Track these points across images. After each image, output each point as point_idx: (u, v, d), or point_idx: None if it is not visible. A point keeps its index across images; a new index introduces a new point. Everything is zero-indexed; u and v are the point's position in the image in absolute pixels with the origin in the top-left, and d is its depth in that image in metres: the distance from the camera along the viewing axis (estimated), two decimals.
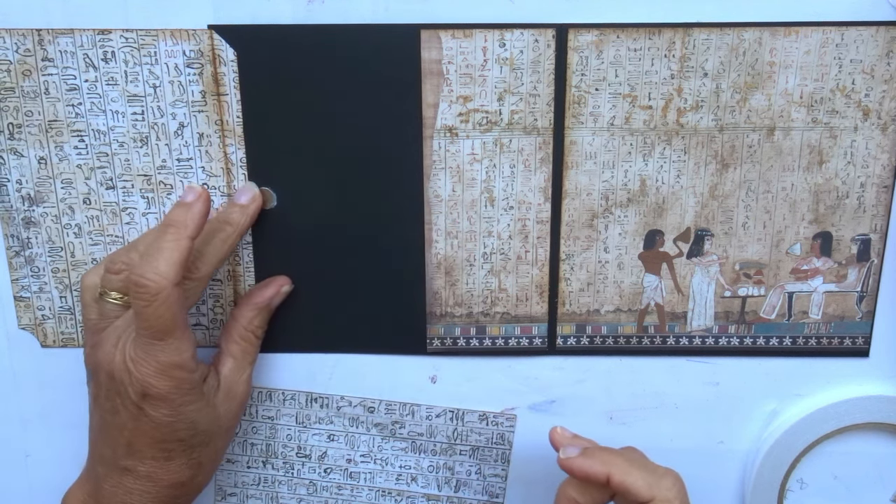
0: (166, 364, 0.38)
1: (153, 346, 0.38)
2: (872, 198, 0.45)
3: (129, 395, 0.39)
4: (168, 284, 0.37)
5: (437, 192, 0.45)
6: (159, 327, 0.38)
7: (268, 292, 0.45)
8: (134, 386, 0.39)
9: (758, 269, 0.46)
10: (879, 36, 0.42)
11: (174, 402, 0.39)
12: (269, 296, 0.44)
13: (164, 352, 0.38)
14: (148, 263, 0.37)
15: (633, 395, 0.48)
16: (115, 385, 0.39)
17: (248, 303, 0.44)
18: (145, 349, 0.38)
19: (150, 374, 0.38)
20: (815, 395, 0.48)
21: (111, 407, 0.40)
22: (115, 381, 0.39)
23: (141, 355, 0.38)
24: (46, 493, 0.50)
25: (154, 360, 0.38)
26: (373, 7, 0.42)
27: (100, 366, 0.40)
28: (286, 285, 0.45)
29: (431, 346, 0.47)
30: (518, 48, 0.42)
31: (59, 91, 0.43)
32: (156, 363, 0.38)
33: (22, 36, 0.42)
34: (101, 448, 0.41)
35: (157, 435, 0.40)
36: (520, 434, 0.49)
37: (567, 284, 0.46)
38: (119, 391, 0.39)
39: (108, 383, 0.39)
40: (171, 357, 0.38)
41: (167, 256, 0.37)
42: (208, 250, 0.41)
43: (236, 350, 0.44)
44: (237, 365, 0.44)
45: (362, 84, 0.43)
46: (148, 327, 0.38)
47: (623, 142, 0.44)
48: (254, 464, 0.50)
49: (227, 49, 0.42)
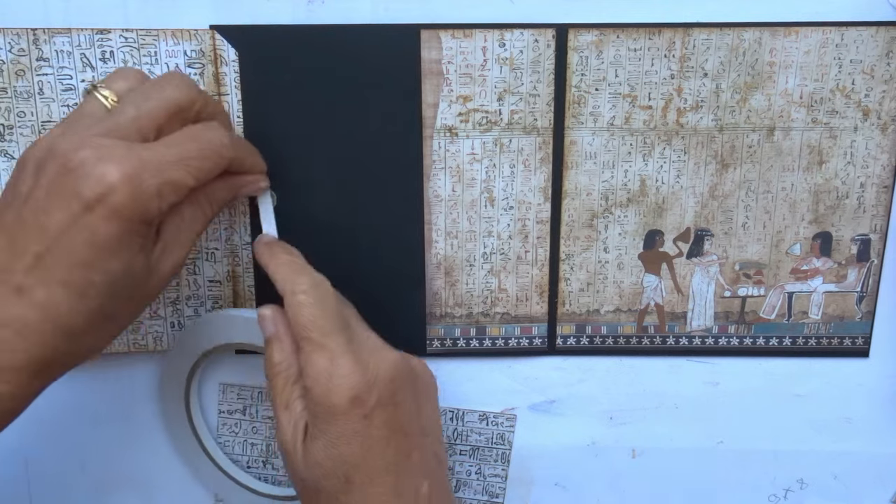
0: (162, 181, 0.34)
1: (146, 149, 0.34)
2: (872, 198, 0.45)
3: (82, 195, 0.33)
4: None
5: (437, 192, 0.45)
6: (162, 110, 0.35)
7: (244, 176, 0.41)
8: (93, 185, 0.33)
9: (758, 269, 0.46)
10: (879, 36, 0.42)
11: (127, 224, 0.33)
12: (243, 179, 0.41)
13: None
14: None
15: (633, 395, 0.48)
16: (66, 179, 0.33)
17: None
18: (133, 149, 0.34)
19: (121, 177, 0.33)
20: (815, 395, 0.48)
21: (44, 206, 0.33)
22: (70, 175, 0.33)
23: (124, 152, 0.33)
24: (46, 493, 0.50)
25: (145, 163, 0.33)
26: (373, 7, 0.42)
27: (55, 154, 0.34)
28: (264, 182, 0.42)
29: (431, 347, 0.47)
30: (518, 48, 0.42)
31: (53, 91, 0.43)
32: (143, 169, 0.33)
33: (16, 35, 0.42)
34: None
35: (86, 256, 0.33)
36: (520, 434, 0.49)
37: (567, 284, 0.46)
38: (67, 189, 0.33)
39: (57, 176, 0.33)
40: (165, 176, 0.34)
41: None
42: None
43: (187, 212, 0.38)
44: (181, 229, 0.38)
45: (362, 84, 0.43)
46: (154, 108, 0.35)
47: (623, 142, 0.44)
48: (254, 464, 0.50)
49: (229, 49, 0.42)
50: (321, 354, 0.38)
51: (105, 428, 0.49)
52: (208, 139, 0.36)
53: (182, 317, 0.46)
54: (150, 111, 0.36)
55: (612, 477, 0.50)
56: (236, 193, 0.41)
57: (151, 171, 0.34)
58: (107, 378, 0.48)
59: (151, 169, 0.34)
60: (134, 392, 0.48)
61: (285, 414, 0.40)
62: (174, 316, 0.46)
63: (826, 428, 0.48)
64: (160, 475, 0.50)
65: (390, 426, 0.39)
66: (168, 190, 0.34)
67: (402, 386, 0.39)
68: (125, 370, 0.48)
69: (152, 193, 0.34)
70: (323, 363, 0.38)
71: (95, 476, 0.49)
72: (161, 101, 0.36)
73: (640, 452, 0.49)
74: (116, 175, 0.33)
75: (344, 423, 0.38)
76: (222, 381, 0.49)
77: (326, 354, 0.38)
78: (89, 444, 0.49)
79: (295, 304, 0.39)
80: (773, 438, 0.49)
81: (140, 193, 0.33)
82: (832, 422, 0.48)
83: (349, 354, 0.38)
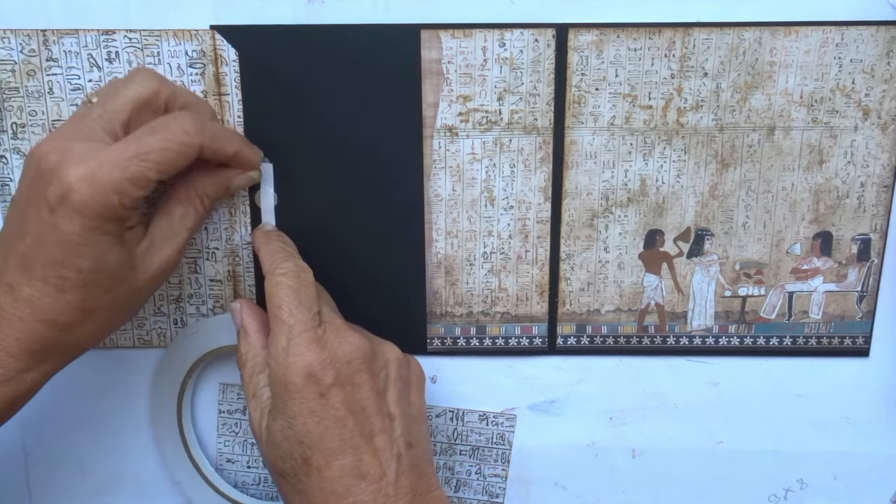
0: (115, 180, 0.35)
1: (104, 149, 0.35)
2: (872, 197, 0.45)
3: (48, 196, 0.34)
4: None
5: (437, 192, 0.45)
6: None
7: (234, 168, 0.41)
8: (55, 187, 0.34)
9: (758, 268, 0.46)
10: (879, 36, 0.42)
11: (89, 221, 0.35)
12: (233, 172, 0.41)
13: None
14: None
15: (633, 395, 0.48)
16: (37, 183, 0.35)
17: (208, 168, 0.41)
18: (94, 148, 0.35)
19: (79, 176, 0.34)
20: (815, 395, 0.48)
21: (23, 211, 0.36)
22: (40, 178, 0.35)
23: (85, 153, 0.35)
24: (46, 492, 0.50)
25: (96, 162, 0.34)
26: (373, 7, 0.42)
27: (32, 158, 0.36)
28: (255, 172, 0.42)
29: (431, 345, 0.47)
30: (518, 48, 0.42)
31: (62, 91, 0.43)
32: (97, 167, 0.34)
33: (27, 36, 0.42)
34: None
35: (56, 254, 0.35)
36: (520, 434, 0.49)
37: (567, 284, 0.46)
38: (38, 192, 0.35)
39: (33, 181, 0.35)
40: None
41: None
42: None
43: (177, 211, 0.40)
44: (170, 226, 0.40)
45: (362, 84, 0.43)
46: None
47: (623, 141, 0.44)
48: (254, 464, 0.50)
49: (229, 49, 0.42)
50: (282, 332, 0.38)
51: (105, 426, 0.49)
52: (170, 129, 0.37)
53: (185, 314, 0.47)
54: (115, 108, 0.37)
55: (612, 477, 0.50)
56: (227, 187, 0.41)
57: (108, 168, 0.35)
58: (111, 373, 0.48)
59: (107, 167, 0.35)
60: (136, 389, 0.48)
61: (253, 402, 0.40)
62: (177, 313, 0.47)
63: (826, 428, 0.48)
64: (161, 474, 0.50)
65: (348, 406, 0.38)
66: (127, 186, 0.35)
67: (363, 367, 0.39)
68: (129, 365, 0.48)
69: (110, 191, 0.35)
70: (282, 341, 0.38)
71: (95, 474, 0.49)
72: (125, 98, 0.37)
73: (640, 452, 0.49)
74: (73, 176, 0.34)
75: (300, 401, 0.38)
76: (222, 381, 0.49)
77: (287, 332, 0.38)
78: (89, 441, 0.49)
79: (273, 284, 0.39)
80: (773, 438, 0.49)
81: (98, 191, 0.34)
82: (832, 422, 0.48)
83: (308, 332, 0.38)
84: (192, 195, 0.40)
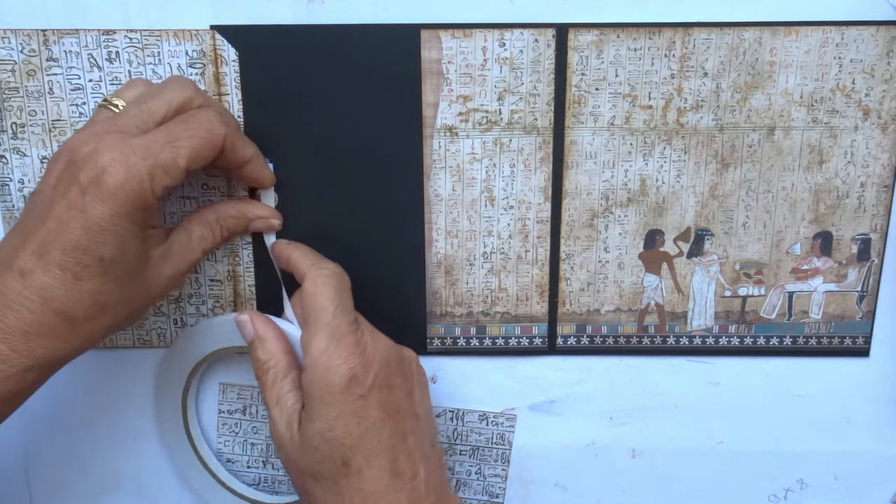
0: (149, 166, 0.36)
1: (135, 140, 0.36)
2: (872, 197, 0.45)
3: (79, 180, 0.35)
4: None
5: (437, 192, 0.45)
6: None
7: (257, 211, 0.43)
8: (89, 170, 0.35)
9: (758, 268, 0.46)
10: (879, 36, 0.42)
11: (119, 207, 0.35)
12: (256, 213, 0.43)
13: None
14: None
15: (633, 395, 0.48)
16: (69, 169, 0.36)
17: (235, 204, 0.43)
18: (125, 138, 0.36)
19: (113, 159, 0.35)
20: (815, 395, 0.48)
21: (49, 197, 0.36)
22: (72, 166, 0.36)
23: (118, 140, 0.36)
24: (46, 492, 0.50)
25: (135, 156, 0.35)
26: (373, 7, 0.42)
27: (65, 150, 0.37)
28: (276, 219, 0.44)
29: (431, 345, 0.47)
30: (518, 48, 0.42)
31: (63, 91, 0.43)
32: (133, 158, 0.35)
33: (27, 36, 0.42)
34: (6, 241, 0.37)
35: (81, 239, 0.35)
36: (520, 434, 0.49)
37: (567, 284, 0.46)
38: (69, 177, 0.36)
39: (64, 169, 0.36)
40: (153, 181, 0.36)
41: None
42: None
43: (196, 230, 0.41)
44: (188, 241, 0.41)
45: (362, 84, 0.43)
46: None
47: (623, 141, 0.44)
48: (254, 464, 0.50)
49: (229, 49, 0.42)
50: (325, 334, 0.39)
51: (105, 426, 0.49)
52: (197, 119, 0.38)
53: (185, 314, 0.47)
54: (151, 109, 0.38)
55: (612, 477, 0.50)
56: (246, 226, 0.43)
57: (141, 153, 0.36)
58: (111, 373, 0.48)
59: (141, 152, 0.36)
60: (136, 389, 0.48)
61: (277, 409, 0.41)
62: (177, 313, 0.47)
63: (826, 428, 0.48)
64: (161, 474, 0.50)
65: (385, 408, 0.39)
66: (159, 172, 0.36)
67: (396, 370, 0.40)
68: (129, 365, 0.48)
69: (143, 175, 0.36)
70: (324, 343, 0.39)
71: (95, 474, 0.49)
72: (161, 100, 0.38)
73: (640, 452, 0.49)
74: (107, 158, 0.35)
75: (342, 403, 0.38)
76: (222, 381, 0.49)
77: (329, 334, 0.39)
78: (89, 441, 0.49)
79: (318, 283, 0.40)
80: (773, 438, 0.49)
81: (131, 176, 0.35)
82: (832, 422, 0.48)
83: (350, 336, 0.39)
84: (213, 221, 0.42)
